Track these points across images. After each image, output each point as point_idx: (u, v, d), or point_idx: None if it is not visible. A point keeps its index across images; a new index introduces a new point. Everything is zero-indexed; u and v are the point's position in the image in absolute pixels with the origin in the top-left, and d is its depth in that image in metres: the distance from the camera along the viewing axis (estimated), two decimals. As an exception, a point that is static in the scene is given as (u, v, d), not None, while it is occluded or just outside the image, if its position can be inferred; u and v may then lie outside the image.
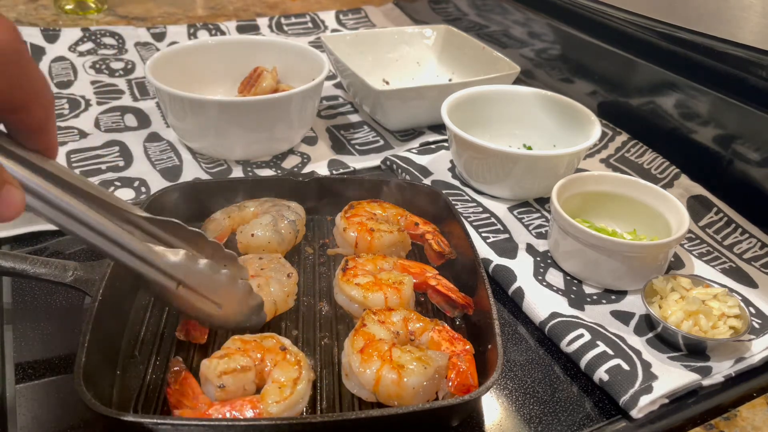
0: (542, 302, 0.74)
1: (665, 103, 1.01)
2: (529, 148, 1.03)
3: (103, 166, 0.96)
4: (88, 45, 1.36)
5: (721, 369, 0.66)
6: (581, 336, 0.68)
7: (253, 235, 0.76)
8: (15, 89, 0.43)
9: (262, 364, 0.59)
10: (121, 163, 0.97)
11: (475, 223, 0.87)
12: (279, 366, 0.59)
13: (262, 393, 0.57)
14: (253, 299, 0.63)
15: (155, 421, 0.53)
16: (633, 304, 0.75)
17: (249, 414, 0.55)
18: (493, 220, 0.89)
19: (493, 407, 0.63)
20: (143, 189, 0.91)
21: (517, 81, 1.15)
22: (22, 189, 0.44)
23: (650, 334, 0.71)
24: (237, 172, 0.97)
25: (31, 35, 1.34)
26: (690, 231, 0.87)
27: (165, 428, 0.52)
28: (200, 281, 0.57)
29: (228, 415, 0.55)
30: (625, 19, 1.04)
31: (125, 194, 0.89)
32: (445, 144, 1.07)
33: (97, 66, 1.29)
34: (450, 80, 1.28)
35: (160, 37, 1.44)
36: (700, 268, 0.81)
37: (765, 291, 0.77)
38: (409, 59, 1.32)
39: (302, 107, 0.99)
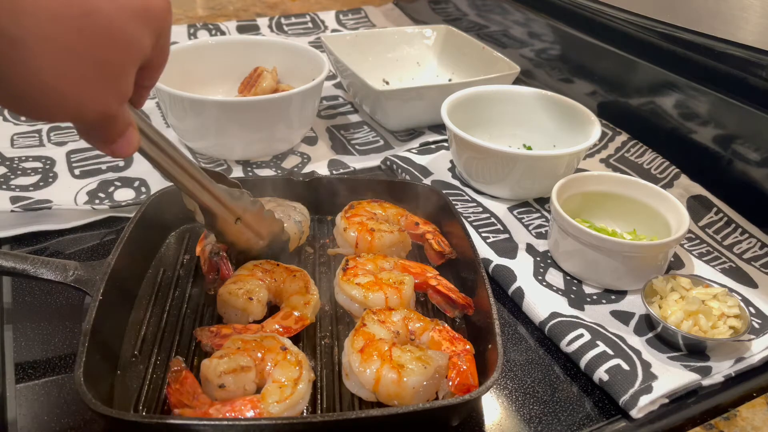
0: (542, 302, 0.74)
1: (665, 103, 1.01)
2: (529, 148, 1.03)
3: (104, 166, 0.96)
4: (88, 45, 1.35)
5: (721, 369, 0.66)
6: (581, 336, 0.68)
7: None
8: (162, 50, 0.50)
9: (263, 364, 0.59)
10: (122, 163, 0.97)
11: (475, 223, 0.87)
12: (279, 366, 0.59)
13: (262, 393, 0.57)
14: (278, 224, 0.74)
15: (155, 420, 0.53)
16: (633, 304, 0.75)
17: (249, 414, 0.55)
18: (493, 220, 0.89)
19: (493, 407, 0.63)
20: (143, 189, 0.91)
21: (517, 81, 1.15)
22: (138, 131, 0.51)
23: (650, 334, 0.71)
24: (237, 172, 0.97)
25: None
26: (690, 231, 0.87)
27: (165, 428, 0.52)
28: (254, 218, 0.69)
29: (228, 414, 0.55)
30: (625, 19, 1.04)
31: (125, 194, 0.89)
32: (445, 144, 1.07)
33: (97, 66, 1.29)
34: (450, 80, 1.28)
35: (160, 37, 1.44)
36: (700, 268, 0.81)
37: (765, 291, 0.77)
38: (409, 59, 1.32)
39: (302, 107, 0.99)
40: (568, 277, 0.79)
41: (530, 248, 0.83)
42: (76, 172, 0.94)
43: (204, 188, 0.62)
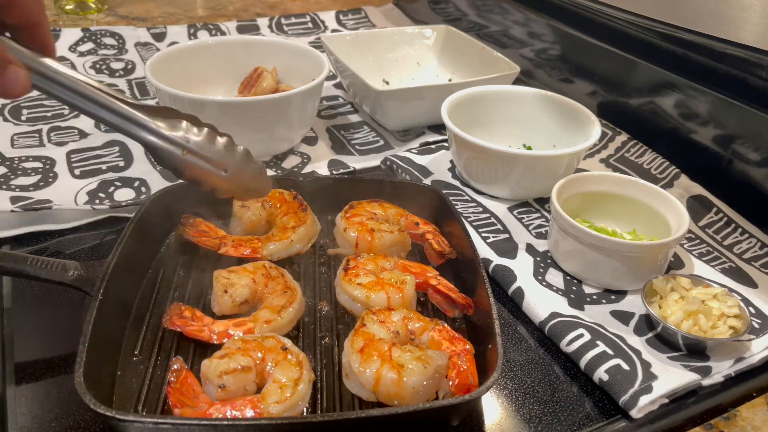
0: (542, 302, 0.74)
1: (665, 103, 1.01)
2: (529, 148, 1.03)
3: (104, 166, 0.96)
4: (89, 45, 1.36)
5: (721, 369, 0.66)
6: (581, 336, 0.68)
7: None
8: None
9: (263, 364, 0.59)
10: (122, 163, 0.97)
11: (475, 223, 0.87)
12: (280, 366, 0.59)
13: (262, 393, 0.57)
14: (254, 163, 0.67)
15: (156, 420, 0.53)
16: (633, 304, 0.75)
17: (249, 414, 0.55)
18: (493, 220, 0.89)
19: (493, 407, 0.63)
20: (143, 189, 0.91)
21: (517, 81, 1.15)
22: (26, 69, 0.50)
23: (650, 334, 0.71)
24: (237, 172, 0.97)
25: (32, 35, 1.33)
26: (690, 231, 0.87)
27: (165, 428, 0.52)
28: (201, 145, 0.63)
29: (229, 414, 0.55)
30: (625, 19, 1.04)
31: (125, 194, 0.89)
32: (445, 144, 1.07)
33: (98, 66, 1.29)
34: (450, 80, 1.28)
35: (160, 37, 1.45)
36: (700, 268, 0.81)
37: (765, 291, 0.77)
38: (409, 59, 1.32)
39: (302, 107, 0.99)
40: (568, 277, 0.79)
41: (530, 248, 0.83)
42: (77, 172, 0.94)
43: (127, 119, 0.58)
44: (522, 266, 0.79)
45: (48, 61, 0.53)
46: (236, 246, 0.76)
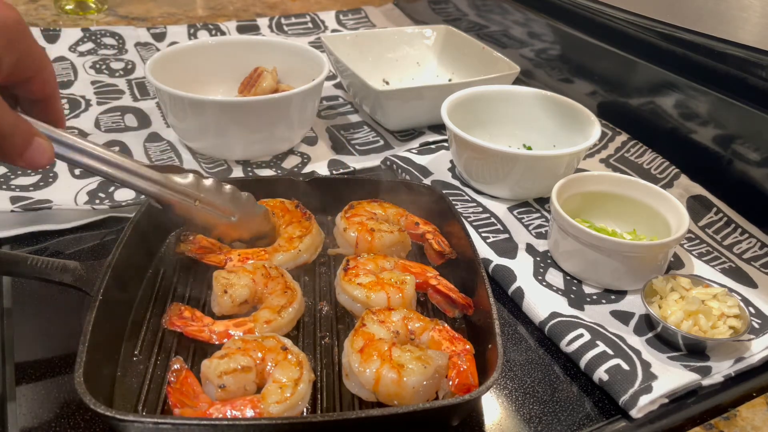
0: (542, 302, 0.74)
1: (665, 103, 1.01)
2: (529, 148, 1.03)
3: (104, 166, 0.96)
4: (89, 45, 1.36)
5: (721, 369, 0.66)
6: (581, 336, 0.68)
7: None
8: (22, 62, 0.50)
9: (263, 364, 0.59)
10: (122, 163, 0.97)
11: (475, 223, 0.87)
12: (280, 366, 0.59)
13: (262, 393, 0.57)
14: (258, 208, 0.76)
15: (156, 420, 0.53)
16: (633, 304, 0.75)
17: (249, 414, 0.55)
18: (493, 220, 0.89)
19: (493, 407, 0.63)
20: (143, 189, 0.91)
21: (517, 81, 1.15)
22: (49, 141, 0.54)
23: (650, 334, 0.71)
24: (237, 172, 0.97)
25: (32, 35, 1.33)
26: (690, 231, 0.87)
27: (165, 428, 0.52)
28: (212, 196, 0.70)
29: (229, 414, 0.55)
30: (625, 19, 1.04)
31: (125, 194, 0.89)
32: (445, 144, 1.07)
33: (98, 66, 1.29)
34: (450, 80, 1.28)
35: (160, 37, 1.45)
36: (700, 268, 0.81)
37: (765, 291, 0.77)
38: (409, 59, 1.32)
39: (302, 107, 0.99)
40: (568, 277, 0.79)
41: (530, 248, 0.83)
42: (77, 172, 0.94)
43: (143, 178, 0.64)
44: (522, 266, 0.79)
45: (65, 132, 0.58)
46: (243, 260, 0.75)
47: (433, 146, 1.07)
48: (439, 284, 0.72)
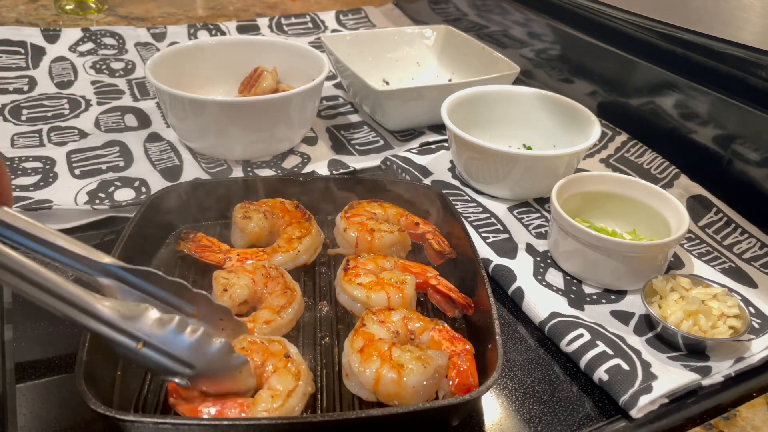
0: (542, 302, 0.74)
1: (665, 103, 1.01)
2: (529, 148, 1.03)
3: (104, 166, 0.96)
4: (89, 45, 1.36)
5: (721, 369, 0.66)
6: (581, 336, 0.68)
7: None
8: None
9: (263, 368, 0.59)
10: (122, 163, 0.97)
11: (475, 223, 0.87)
12: (278, 373, 0.58)
13: (254, 398, 0.56)
14: (236, 359, 0.55)
15: (156, 420, 0.53)
16: (633, 304, 0.75)
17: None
18: (493, 220, 0.89)
19: (493, 407, 0.63)
20: (143, 189, 0.91)
21: (517, 81, 1.15)
22: None
23: (650, 334, 0.71)
24: (237, 172, 0.97)
25: (32, 35, 1.34)
26: (690, 231, 0.87)
27: (165, 428, 0.52)
28: (163, 339, 0.52)
29: (214, 414, 0.55)
30: (625, 19, 1.04)
31: (126, 194, 0.89)
32: (445, 144, 1.07)
33: (98, 66, 1.29)
34: (450, 80, 1.28)
35: (160, 37, 1.45)
36: (700, 268, 0.81)
37: (765, 291, 0.77)
38: (409, 59, 1.32)
39: (302, 107, 0.99)
40: (568, 277, 0.79)
41: (530, 248, 0.83)
42: (77, 172, 0.94)
43: (80, 309, 0.51)
44: (522, 266, 0.79)
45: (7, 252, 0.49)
46: (242, 260, 0.75)
47: (433, 146, 1.07)
48: (439, 284, 0.72)
